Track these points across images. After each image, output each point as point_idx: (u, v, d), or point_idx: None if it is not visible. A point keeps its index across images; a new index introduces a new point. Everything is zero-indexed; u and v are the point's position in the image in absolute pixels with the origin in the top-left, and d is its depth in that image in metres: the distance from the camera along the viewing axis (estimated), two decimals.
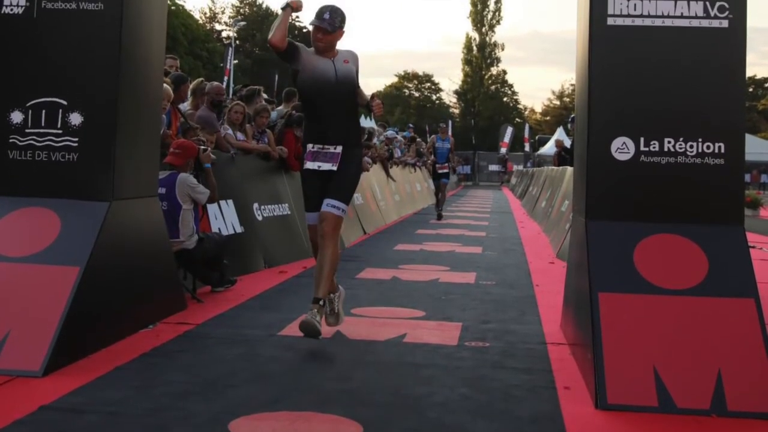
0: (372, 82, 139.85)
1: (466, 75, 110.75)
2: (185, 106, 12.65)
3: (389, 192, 26.30)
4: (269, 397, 5.99)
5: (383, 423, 5.53)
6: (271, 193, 14.17)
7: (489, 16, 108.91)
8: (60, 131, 7.76)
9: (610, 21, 7.38)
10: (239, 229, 12.30)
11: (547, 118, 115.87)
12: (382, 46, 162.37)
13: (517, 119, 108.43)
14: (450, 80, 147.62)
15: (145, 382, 6.27)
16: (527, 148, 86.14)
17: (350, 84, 8.06)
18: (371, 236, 19.45)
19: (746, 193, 28.14)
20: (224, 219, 11.90)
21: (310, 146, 8.00)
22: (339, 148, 7.91)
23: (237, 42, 67.87)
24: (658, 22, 7.33)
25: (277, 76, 46.89)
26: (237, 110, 13.60)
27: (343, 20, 8.02)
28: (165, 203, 9.28)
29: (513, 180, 67.07)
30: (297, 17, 9.16)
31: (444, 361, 7.17)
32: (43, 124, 7.77)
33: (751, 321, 6.53)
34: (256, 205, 13.29)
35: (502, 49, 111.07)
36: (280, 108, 17.74)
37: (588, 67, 7.48)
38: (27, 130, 7.78)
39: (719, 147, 7.24)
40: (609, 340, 6.42)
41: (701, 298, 6.68)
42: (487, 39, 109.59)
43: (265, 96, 17.49)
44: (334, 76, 7.96)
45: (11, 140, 7.79)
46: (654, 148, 7.29)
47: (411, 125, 53.42)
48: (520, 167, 71.67)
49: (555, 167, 28.57)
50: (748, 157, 9.27)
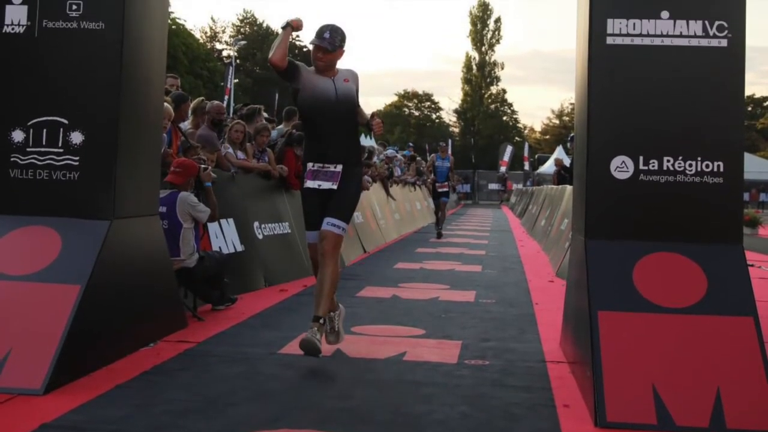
0: (372, 101, 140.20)
1: (465, 94, 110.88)
2: (186, 125, 12.69)
3: (389, 211, 26.32)
4: (270, 416, 5.99)
5: None
6: (271, 212, 14.20)
7: (489, 36, 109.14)
8: (61, 150, 7.78)
9: (609, 40, 7.42)
10: (240, 248, 12.32)
11: (547, 137, 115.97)
12: (382, 65, 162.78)
13: (516, 138, 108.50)
14: (450, 99, 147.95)
15: (145, 401, 6.28)
16: (527, 167, 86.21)
17: (350, 103, 8.09)
18: (371, 255, 19.47)
19: (745, 211, 28.16)
20: (225, 237, 11.92)
21: (310, 165, 8.03)
22: (339, 167, 7.94)
23: (237, 61, 67.92)
24: (657, 42, 7.36)
25: (277, 95, 46.92)
26: (237, 129, 13.63)
27: (343, 39, 8.05)
28: (166, 222, 9.31)
29: (512, 199, 67.11)
30: (297, 36, 9.21)
31: (444, 379, 7.18)
32: (44, 143, 7.80)
33: (750, 339, 6.55)
34: (256, 224, 13.31)
35: (502, 68, 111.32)
36: (280, 127, 17.78)
37: (587, 86, 7.50)
38: (28, 149, 7.81)
39: (718, 166, 7.27)
40: (608, 358, 6.43)
41: (700, 317, 6.69)
42: (487, 58, 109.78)
43: (265, 115, 17.53)
44: (334, 95, 7.99)
45: (12, 159, 7.81)
46: (653, 167, 7.31)
47: (411, 144, 53.57)
48: (520, 186, 71.74)
49: (554, 186, 28.61)
50: (747, 176, 9.29)
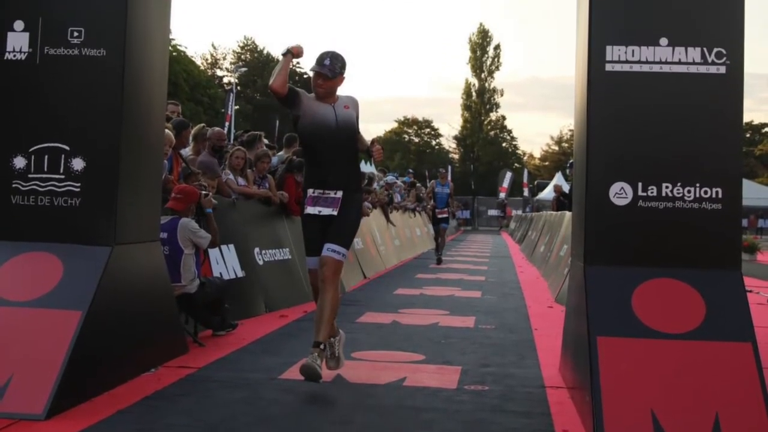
0: (372, 127, 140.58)
1: (465, 120, 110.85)
2: (187, 151, 12.73)
3: (389, 237, 26.33)
4: None
5: None
6: (272, 238, 14.23)
7: (488, 62, 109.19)
8: (62, 176, 7.82)
9: (608, 67, 7.47)
10: (240, 274, 12.35)
11: (546, 163, 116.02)
12: (382, 92, 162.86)
13: (516, 164, 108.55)
14: (449, 126, 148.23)
15: (146, 426, 6.30)
16: (526, 193, 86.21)
17: (350, 129, 8.13)
18: (371, 280, 19.48)
19: (743, 237, 28.17)
20: (225, 263, 11.94)
21: (310, 191, 8.06)
22: (339, 193, 7.97)
23: (238, 88, 68.08)
24: (656, 68, 7.41)
25: (277, 121, 47.05)
26: (238, 155, 13.68)
27: (343, 66, 8.09)
28: (167, 248, 9.34)
29: (512, 225, 67.08)
30: (297, 63, 9.27)
31: (444, 405, 7.19)
32: (45, 170, 7.84)
33: (748, 365, 6.57)
34: (257, 250, 13.34)
35: (501, 95, 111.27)
36: (280, 153, 17.82)
37: (586, 112, 7.55)
38: (30, 176, 7.85)
39: (717, 192, 7.31)
40: (607, 384, 6.45)
41: (699, 342, 6.72)
42: (487, 85, 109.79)
43: (266, 141, 17.59)
44: (334, 121, 8.03)
45: (14, 185, 7.85)
46: (652, 193, 7.35)
47: (411, 170, 53.67)
48: (519, 212, 71.75)
49: (554, 212, 28.63)
50: (745, 202, 9.32)
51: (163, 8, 8.82)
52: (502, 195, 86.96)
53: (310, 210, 8.02)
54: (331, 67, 8.01)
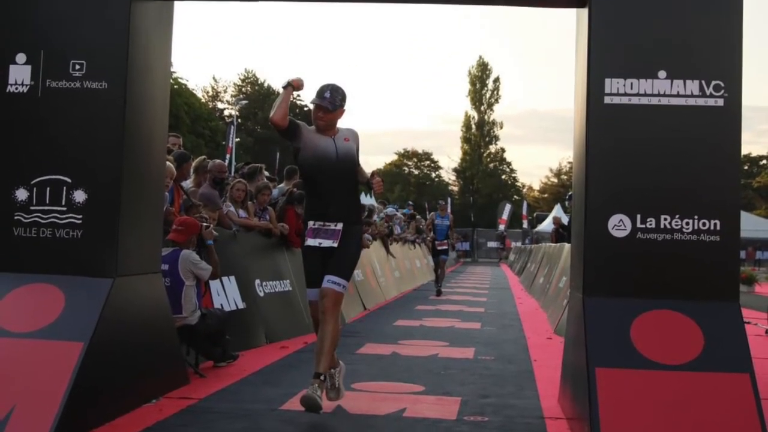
0: (372, 159, 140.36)
1: (465, 153, 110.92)
2: (188, 183, 12.77)
3: (389, 268, 26.36)
4: None
5: None
6: (272, 270, 14.25)
7: (487, 95, 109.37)
8: (64, 208, 7.86)
9: (607, 99, 7.52)
10: (241, 305, 12.36)
11: (545, 195, 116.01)
12: (382, 125, 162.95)
13: (515, 196, 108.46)
14: (449, 158, 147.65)
15: None
16: (525, 225, 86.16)
17: (351, 162, 8.17)
18: (371, 312, 19.48)
19: (741, 269, 28.19)
20: (226, 295, 11.97)
21: (311, 223, 8.10)
22: (340, 225, 8.00)
23: (239, 120, 68.11)
24: (654, 101, 7.47)
25: (278, 153, 47.15)
26: (239, 188, 13.73)
27: (343, 99, 8.14)
28: (168, 279, 9.37)
29: (511, 256, 67.06)
30: (298, 96, 9.31)
31: None
32: (47, 202, 7.88)
33: (747, 396, 6.60)
34: (257, 281, 13.36)
35: (501, 128, 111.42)
36: (281, 185, 17.86)
37: (585, 144, 7.60)
38: (32, 208, 7.89)
39: (715, 224, 7.35)
40: (606, 415, 6.48)
41: (697, 374, 6.75)
42: (486, 117, 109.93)
43: (266, 174, 17.64)
44: (334, 154, 8.07)
45: (16, 217, 7.89)
46: (650, 225, 7.40)
47: (410, 202, 53.56)
48: (519, 244, 71.69)
49: (553, 244, 28.67)
50: (743, 234, 9.36)
51: (164, 41, 8.88)
52: (502, 227, 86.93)
53: (310, 242, 8.05)
54: (332, 99, 8.05)
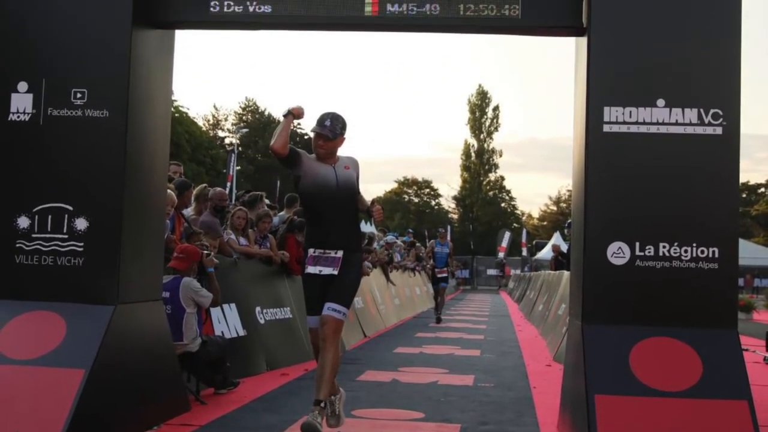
0: (372, 187, 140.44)
1: (464, 181, 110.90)
2: (189, 211, 12.80)
3: (389, 296, 26.37)
4: None
5: None
6: (273, 297, 14.27)
7: (487, 124, 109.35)
8: (66, 236, 7.91)
9: (606, 128, 7.57)
10: (242, 332, 12.38)
11: (545, 223, 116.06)
12: (382, 153, 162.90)
13: (514, 224, 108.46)
14: (449, 186, 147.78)
15: None
16: (525, 252, 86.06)
17: (351, 190, 8.21)
18: (371, 339, 19.49)
19: (740, 296, 28.20)
20: (227, 322, 11.99)
21: (311, 251, 8.13)
22: (340, 253, 8.04)
23: (239, 148, 68.11)
24: (653, 129, 7.52)
25: (278, 182, 47.24)
26: (240, 215, 13.77)
27: (343, 127, 8.19)
28: (169, 307, 9.39)
29: (511, 284, 66.99)
30: (298, 124, 9.36)
31: None
32: (49, 230, 7.93)
33: (745, 423, 6.63)
34: (258, 309, 13.38)
35: (500, 156, 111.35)
36: (281, 213, 17.89)
37: (584, 172, 7.65)
38: (33, 235, 7.94)
39: (713, 252, 7.40)
40: None
41: (696, 400, 6.78)
42: (485, 145, 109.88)
43: (267, 202, 17.67)
44: (335, 182, 8.11)
45: (18, 245, 7.94)
46: (649, 252, 7.44)
47: (410, 230, 53.62)
48: (518, 271, 71.70)
49: (552, 271, 28.68)
50: (741, 262, 9.41)
51: (165, 70, 8.93)
52: (501, 254, 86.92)
53: (311, 269, 8.08)
54: (332, 128, 8.10)
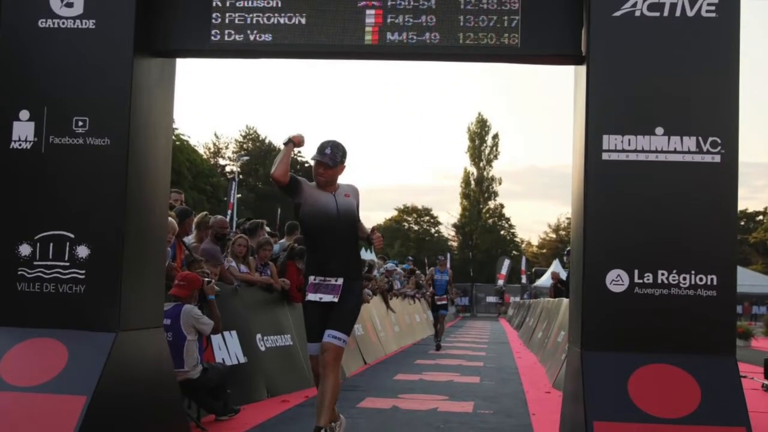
0: (372, 215, 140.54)
1: (464, 209, 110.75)
2: (190, 239, 12.83)
3: (389, 323, 26.37)
4: None
5: None
6: (273, 324, 14.28)
7: (487, 152, 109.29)
8: (67, 264, 7.92)
9: (605, 156, 7.60)
10: (242, 359, 12.39)
11: (544, 250, 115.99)
12: (382, 181, 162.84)
13: (514, 252, 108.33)
14: (448, 214, 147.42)
15: None
16: (524, 280, 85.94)
17: (351, 217, 8.26)
18: (371, 366, 19.49)
19: (738, 324, 28.20)
20: (228, 349, 12.00)
21: (311, 278, 8.17)
22: (340, 281, 8.08)
23: (240, 176, 68.07)
24: (651, 157, 7.54)
25: (279, 209, 47.25)
26: (240, 243, 13.81)
27: (344, 155, 8.25)
28: (170, 334, 9.40)
29: (510, 311, 66.93)
30: (299, 152, 9.42)
31: None
32: (50, 257, 7.94)
33: None
34: (259, 336, 13.39)
35: (500, 184, 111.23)
36: (282, 241, 17.91)
37: (583, 200, 7.68)
38: (35, 263, 7.95)
39: (712, 279, 7.42)
40: None
41: (694, 427, 6.79)
42: (485, 173, 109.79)
43: (267, 229, 17.69)
44: (335, 209, 8.16)
45: (20, 272, 7.95)
46: (648, 280, 7.46)
47: (410, 258, 53.68)
48: (517, 299, 71.63)
49: (551, 299, 28.69)
50: (740, 289, 9.42)
51: (166, 98, 8.96)
52: (501, 282, 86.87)
53: (311, 297, 8.12)
54: (332, 156, 8.16)
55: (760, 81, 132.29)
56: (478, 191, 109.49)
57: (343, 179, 8.43)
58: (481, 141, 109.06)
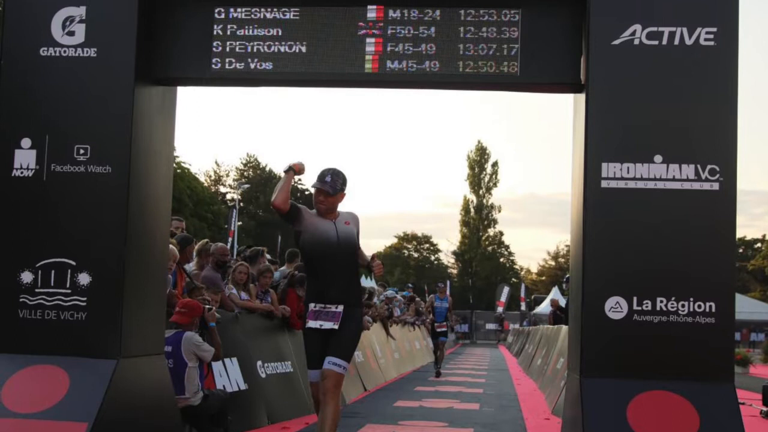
0: (372, 243, 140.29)
1: (463, 236, 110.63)
2: (191, 266, 12.85)
3: (389, 350, 26.34)
4: None
5: None
6: (274, 351, 14.26)
7: (486, 179, 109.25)
8: (69, 291, 7.96)
9: (603, 183, 7.63)
10: (243, 386, 12.37)
11: (543, 278, 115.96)
12: (382, 208, 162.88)
13: (513, 279, 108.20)
14: (448, 241, 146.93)
15: None
16: (523, 307, 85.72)
17: (351, 245, 8.28)
18: (371, 393, 19.45)
19: (736, 350, 28.18)
20: (228, 376, 12.00)
21: (312, 305, 8.19)
22: (340, 308, 8.10)
23: (241, 204, 68.14)
24: (650, 185, 7.58)
25: (279, 237, 47.32)
26: (241, 270, 13.81)
27: (344, 183, 8.28)
28: (171, 361, 9.41)
29: (509, 338, 66.77)
30: (299, 180, 9.45)
31: None
32: (52, 284, 7.98)
33: None
34: (259, 363, 13.38)
35: (499, 211, 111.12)
36: (283, 268, 17.92)
37: (582, 227, 7.71)
38: (37, 290, 7.98)
39: (710, 306, 7.44)
40: None
41: None
42: (485, 201, 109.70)
43: (268, 257, 17.70)
44: (335, 237, 8.19)
45: (21, 300, 7.99)
46: (647, 307, 7.48)
47: (410, 285, 53.54)
48: (517, 326, 71.49)
49: (550, 326, 28.68)
50: (738, 316, 9.47)
51: (167, 126, 9.00)
52: (500, 309, 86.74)
53: (311, 324, 8.14)
54: (332, 183, 8.19)
55: (758, 109, 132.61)
56: (477, 219, 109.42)
57: (343, 207, 8.48)
58: (480, 169, 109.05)
